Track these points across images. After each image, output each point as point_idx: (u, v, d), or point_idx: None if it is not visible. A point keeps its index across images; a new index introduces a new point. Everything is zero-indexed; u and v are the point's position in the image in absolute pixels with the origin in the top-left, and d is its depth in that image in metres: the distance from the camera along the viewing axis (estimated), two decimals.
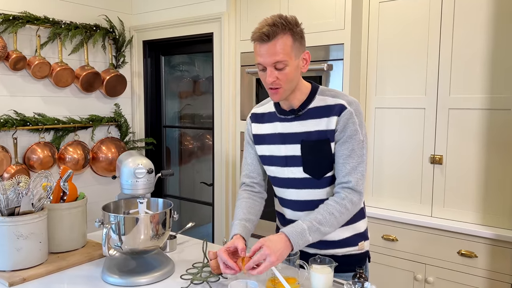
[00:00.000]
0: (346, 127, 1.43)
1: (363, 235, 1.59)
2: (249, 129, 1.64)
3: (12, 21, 2.72)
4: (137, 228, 1.48)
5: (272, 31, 1.35)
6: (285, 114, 1.52)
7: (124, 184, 1.59)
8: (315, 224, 1.39)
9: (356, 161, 1.43)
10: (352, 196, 1.43)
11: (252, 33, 1.40)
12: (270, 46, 1.36)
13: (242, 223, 1.50)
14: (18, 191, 1.58)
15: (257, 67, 1.44)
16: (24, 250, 1.55)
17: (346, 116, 1.43)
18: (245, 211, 1.55)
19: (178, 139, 3.74)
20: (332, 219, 1.41)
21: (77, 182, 3.16)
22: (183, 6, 3.16)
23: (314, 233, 1.39)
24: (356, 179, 1.43)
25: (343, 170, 1.44)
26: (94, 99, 3.29)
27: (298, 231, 1.37)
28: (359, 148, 1.44)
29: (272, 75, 1.39)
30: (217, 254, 1.40)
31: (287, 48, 1.37)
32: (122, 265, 1.53)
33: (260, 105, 1.65)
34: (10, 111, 2.82)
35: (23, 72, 2.87)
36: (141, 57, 3.50)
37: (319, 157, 1.47)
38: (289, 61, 1.38)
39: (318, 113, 1.46)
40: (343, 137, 1.44)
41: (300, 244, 1.37)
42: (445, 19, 2.32)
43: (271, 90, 1.43)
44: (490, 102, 2.22)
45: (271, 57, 1.37)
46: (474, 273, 2.22)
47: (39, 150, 2.89)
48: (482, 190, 2.28)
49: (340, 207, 1.42)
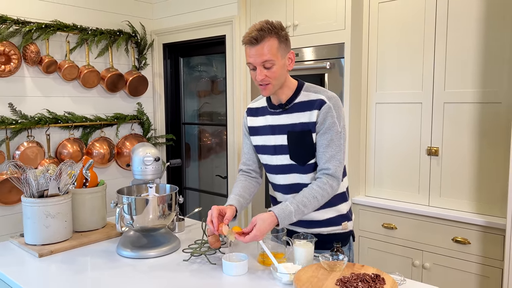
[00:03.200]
0: (325, 120, 1.61)
1: (346, 216, 1.76)
2: (245, 122, 1.84)
3: (44, 29, 3.01)
4: (146, 208, 1.70)
5: (259, 35, 1.55)
6: (275, 108, 1.71)
7: (135, 170, 1.82)
8: (300, 207, 1.58)
9: (334, 150, 1.61)
10: (332, 182, 1.62)
11: (243, 38, 1.59)
12: (258, 48, 1.56)
13: (236, 197, 1.71)
14: (47, 176, 1.84)
15: (248, 66, 1.63)
16: (52, 227, 1.80)
17: (325, 110, 1.61)
18: (240, 189, 1.76)
19: (197, 136, 3.97)
20: (314, 202, 1.60)
21: (103, 175, 3.46)
22: (199, 11, 3.39)
23: (298, 214, 1.59)
24: (335, 166, 1.61)
25: (323, 158, 1.63)
26: (118, 98, 3.56)
27: (286, 214, 1.56)
28: (337, 138, 1.62)
29: (261, 73, 1.58)
30: (211, 208, 1.60)
31: (274, 50, 1.57)
32: (134, 242, 1.76)
33: (254, 101, 1.84)
34: (43, 110, 3.11)
35: (54, 75, 3.16)
36: (161, 59, 3.75)
37: (303, 146, 1.65)
38: (275, 60, 1.58)
39: (302, 107, 1.65)
40: (322, 129, 1.62)
41: (285, 224, 1.57)
42: (439, 19, 2.44)
43: (261, 86, 1.63)
44: (482, 96, 2.33)
45: (259, 57, 1.56)
46: (467, 259, 2.33)
47: (69, 145, 3.18)
48: (475, 180, 2.39)
49: (322, 191, 1.61)
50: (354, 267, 1.47)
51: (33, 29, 2.94)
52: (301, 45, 2.80)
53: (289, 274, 1.42)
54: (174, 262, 1.64)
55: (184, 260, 1.66)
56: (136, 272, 1.56)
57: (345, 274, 1.40)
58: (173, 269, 1.58)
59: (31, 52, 2.94)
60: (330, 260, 1.46)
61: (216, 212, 1.58)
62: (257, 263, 1.61)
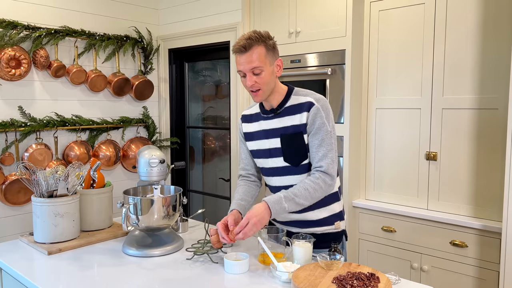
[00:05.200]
0: (315, 121, 1.68)
1: (338, 216, 1.82)
2: (240, 128, 1.92)
3: (53, 34, 3.10)
4: (151, 208, 1.77)
5: (248, 44, 1.63)
6: (267, 113, 1.79)
7: (141, 172, 1.89)
8: (290, 195, 1.63)
9: (326, 149, 1.68)
10: (325, 177, 1.68)
11: (233, 47, 1.68)
12: (247, 56, 1.64)
13: (238, 202, 1.79)
14: (56, 177, 1.91)
15: (238, 74, 1.71)
16: (61, 226, 1.87)
17: (314, 111, 1.68)
18: (241, 194, 1.83)
19: (201, 139, 4.04)
20: (306, 193, 1.65)
21: (109, 177, 3.52)
22: (204, 17, 3.47)
23: (289, 201, 1.62)
24: (327, 164, 1.68)
25: (315, 157, 1.70)
26: (124, 102, 3.63)
27: (276, 198, 1.62)
28: (328, 137, 1.69)
29: (251, 79, 1.66)
30: (216, 225, 1.67)
31: (262, 57, 1.65)
32: (139, 241, 1.82)
33: (249, 108, 1.93)
34: (51, 113, 3.19)
35: (63, 79, 3.24)
36: (167, 64, 3.83)
37: (295, 148, 1.72)
38: (264, 67, 1.65)
39: (293, 110, 1.72)
40: (313, 129, 1.69)
41: (277, 209, 1.61)
42: (438, 26, 2.50)
43: (253, 93, 1.71)
44: (480, 102, 2.38)
45: (248, 64, 1.64)
46: (465, 262, 2.38)
47: (76, 148, 3.26)
48: (473, 185, 2.44)
49: (314, 184, 1.66)
50: (351, 266, 1.52)
51: (43, 34, 3.02)
52: (303, 51, 2.87)
53: (288, 272, 1.48)
54: (177, 261, 1.70)
55: (187, 258, 1.72)
56: (141, 269, 1.63)
57: (341, 272, 1.46)
58: (176, 267, 1.64)
59: (40, 57, 3.02)
60: (328, 260, 1.51)
61: (222, 227, 1.64)
62: (258, 263, 1.67)
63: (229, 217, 1.67)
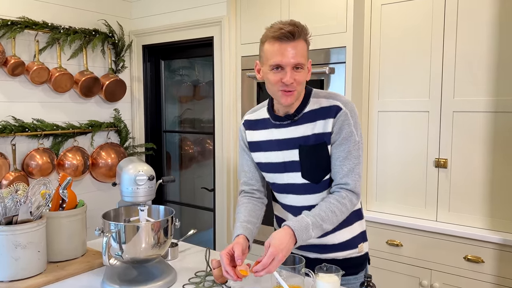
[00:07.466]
0: (341, 129, 1.41)
1: (362, 236, 1.57)
2: (243, 136, 1.61)
3: (10, 26, 2.70)
4: (138, 236, 1.45)
5: (297, 31, 1.34)
6: (281, 120, 1.49)
7: (124, 191, 1.55)
8: (318, 221, 1.37)
9: (353, 162, 1.42)
10: (352, 197, 1.43)
11: (269, 32, 1.36)
12: (294, 46, 1.34)
13: (244, 224, 1.48)
14: (16, 199, 1.54)
15: (266, 68, 1.39)
16: (22, 260, 1.51)
17: (342, 118, 1.41)
18: (246, 214, 1.53)
19: (178, 144, 3.71)
20: (333, 217, 1.40)
21: (77, 189, 3.13)
22: (183, 10, 3.14)
23: (316, 229, 1.37)
24: (354, 181, 1.42)
25: (340, 172, 1.43)
26: (93, 104, 3.26)
27: (303, 226, 1.35)
28: (355, 149, 1.42)
29: (292, 76, 1.36)
30: (220, 255, 1.37)
31: (305, 52, 1.39)
32: (122, 275, 1.50)
33: (252, 111, 1.62)
34: (8, 117, 2.80)
35: (21, 77, 2.85)
36: (140, 61, 3.48)
37: (317, 161, 1.45)
38: (304, 65, 1.38)
39: (314, 116, 1.44)
40: (338, 139, 1.42)
41: (303, 239, 1.35)
42: (448, 20, 2.30)
43: (286, 93, 1.39)
44: (496, 105, 2.19)
45: (294, 58, 1.34)
46: (481, 278, 2.18)
47: (38, 157, 2.86)
48: (488, 194, 2.25)
49: (341, 206, 1.41)
50: None
51: None
52: None
53: None
54: None
55: None
56: None
57: None
58: None
59: None
60: None
61: (227, 260, 1.34)
62: None
63: (236, 246, 1.36)
